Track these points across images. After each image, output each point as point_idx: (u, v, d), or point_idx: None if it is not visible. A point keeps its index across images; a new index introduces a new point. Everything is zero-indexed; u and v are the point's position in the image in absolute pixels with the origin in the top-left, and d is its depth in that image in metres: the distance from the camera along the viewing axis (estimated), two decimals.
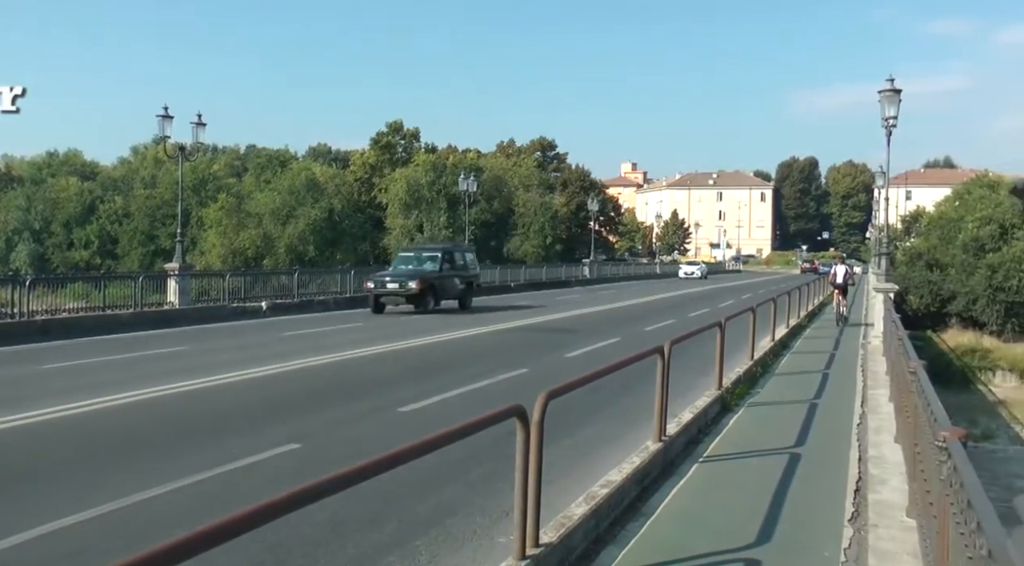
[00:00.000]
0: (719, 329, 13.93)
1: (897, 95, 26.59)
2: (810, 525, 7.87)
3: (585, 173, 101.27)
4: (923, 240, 70.58)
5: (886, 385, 14.93)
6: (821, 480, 9.48)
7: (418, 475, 8.51)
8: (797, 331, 26.23)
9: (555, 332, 24.87)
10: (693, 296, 47.94)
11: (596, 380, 8.54)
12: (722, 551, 6.96)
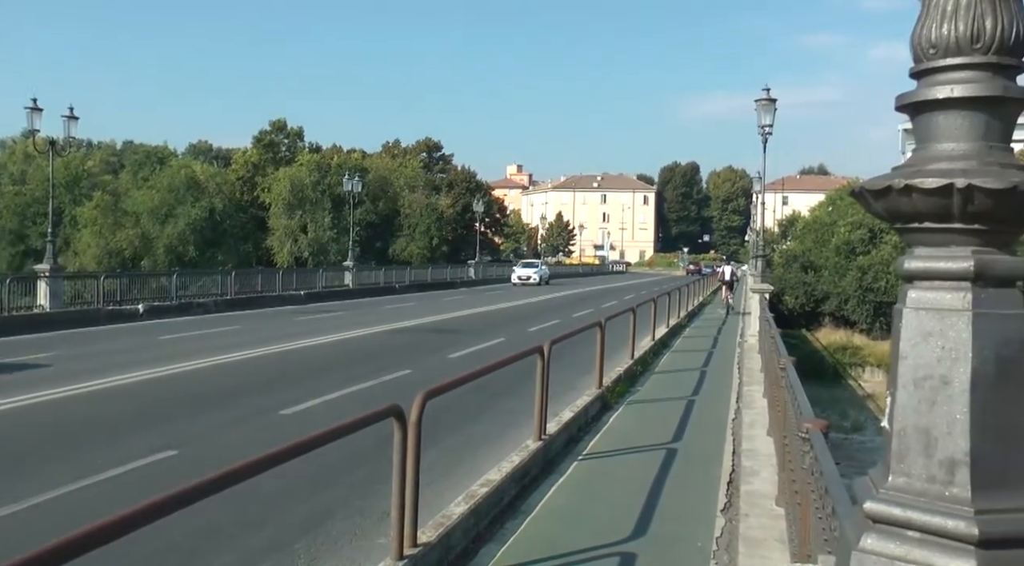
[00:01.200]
0: (599, 329, 14.13)
1: (773, 104, 27.44)
2: (685, 517, 8.06)
3: (471, 174, 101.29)
4: (798, 243, 73.01)
5: (760, 381, 15.38)
6: (696, 474, 9.72)
7: (298, 478, 8.40)
8: (677, 330, 26.83)
9: (440, 333, 24.82)
10: (578, 297, 48.52)
11: (477, 380, 8.59)
12: (599, 546, 7.07)
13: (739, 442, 11.10)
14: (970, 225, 2.21)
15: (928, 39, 2.32)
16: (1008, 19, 2.24)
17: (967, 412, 2.17)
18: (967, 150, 2.25)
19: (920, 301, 2.29)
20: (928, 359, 2.25)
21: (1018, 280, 2.29)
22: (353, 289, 46.21)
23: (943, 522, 2.14)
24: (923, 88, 2.35)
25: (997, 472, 2.18)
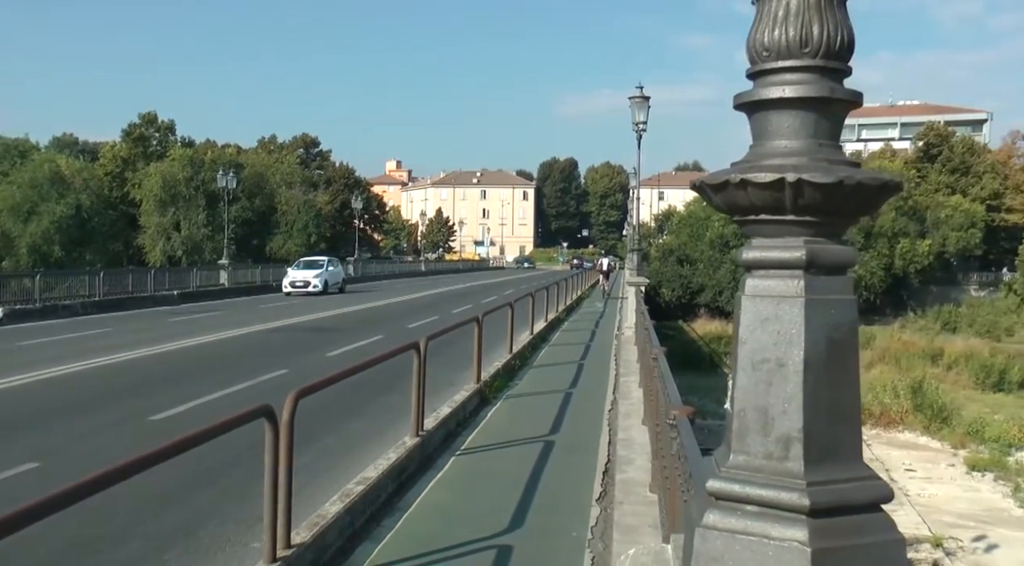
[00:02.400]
0: (476, 324, 14.23)
1: (646, 101, 28.02)
2: (561, 508, 8.22)
3: (349, 171, 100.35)
4: (674, 237, 75.07)
5: (636, 372, 15.75)
6: (573, 465, 9.90)
7: (168, 485, 8.20)
8: (556, 325, 27.19)
9: (318, 331, 24.53)
10: (458, 292, 48.63)
11: (356, 378, 8.56)
12: (476, 540, 7.14)
13: (615, 432, 11.36)
14: (802, 217, 2.36)
15: (762, 43, 2.46)
16: (834, 26, 2.40)
17: (800, 392, 2.32)
18: (798, 147, 2.41)
19: (757, 289, 2.44)
20: (765, 343, 2.39)
21: (847, 268, 2.45)
22: (229, 288, 45.16)
23: (778, 495, 2.28)
24: (758, 88, 2.49)
25: (827, 447, 2.34)
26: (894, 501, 15.56)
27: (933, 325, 62.80)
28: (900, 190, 2.57)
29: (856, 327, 2.43)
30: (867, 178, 2.33)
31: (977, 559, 20.95)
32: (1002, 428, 33.92)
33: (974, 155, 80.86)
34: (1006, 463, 30.09)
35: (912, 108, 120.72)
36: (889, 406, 36.92)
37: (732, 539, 2.31)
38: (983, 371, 47.95)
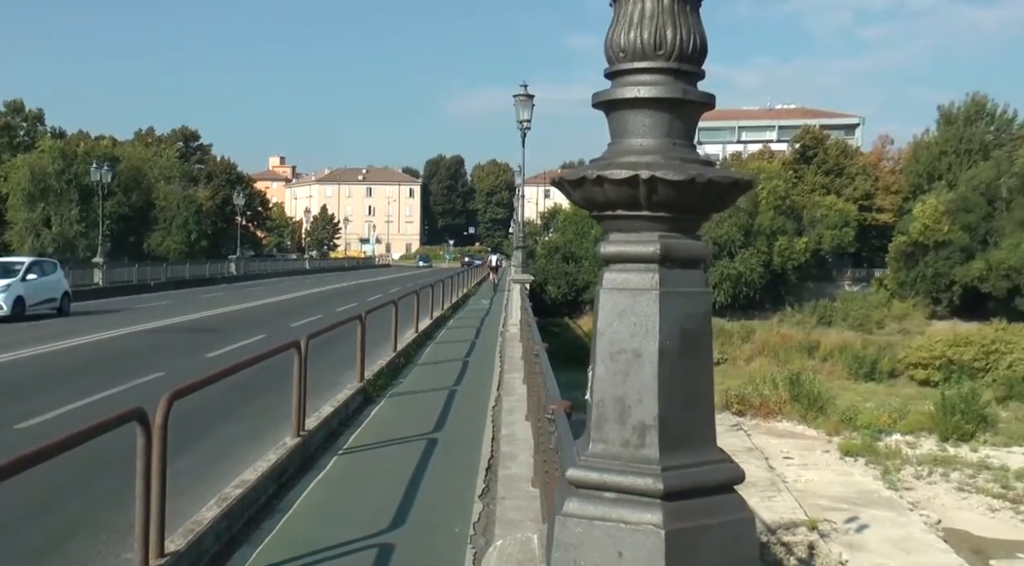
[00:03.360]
0: (359, 322, 14.14)
1: (530, 100, 28.26)
2: (443, 505, 8.25)
3: (231, 165, 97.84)
4: (560, 235, 75.90)
5: (521, 369, 15.87)
6: (456, 461, 9.95)
7: (35, 497, 7.88)
8: (441, 322, 27.20)
9: (198, 332, 23.93)
10: (344, 291, 48.13)
11: (236, 379, 8.42)
12: (357, 540, 7.11)
13: (499, 428, 11.45)
14: (656, 213, 2.45)
15: (618, 44, 2.54)
16: (687, 30, 2.50)
17: (656, 381, 2.41)
18: (653, 145, 2.49)
19: (614, 282, 2.52)
20: (622, 335, 2.47)
21: (700, 262, 2.56)
22: (104, 287, 43.51)
23: (634, 481, 2.36)
24: (615, 88, 2.57)
25: (682, 433, 2.43)
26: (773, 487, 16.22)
27: (810, 319, 65.16)
28: (751, 188, 2.69)
29: (709, 318, 2.53)
30: (718, 176, 2.43)
31: (849, 539, 21.88)
32: (873, 415, 35.54)
33: (847, 157, 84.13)
34: (876, 448, 31.52)
35: (789, 111, 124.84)
36: (768, 397, 38.18)
37: (590, 525, 2.39)
38: (856, 362, 50.05)
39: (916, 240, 66.27)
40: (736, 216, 67.49)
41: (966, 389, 36.04)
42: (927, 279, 66.87)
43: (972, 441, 33.05)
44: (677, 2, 2.50)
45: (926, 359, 50.04)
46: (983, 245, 66.19)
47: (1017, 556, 22.03)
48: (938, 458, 30.70)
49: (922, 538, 22.45)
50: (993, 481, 28.09)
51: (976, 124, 76.83)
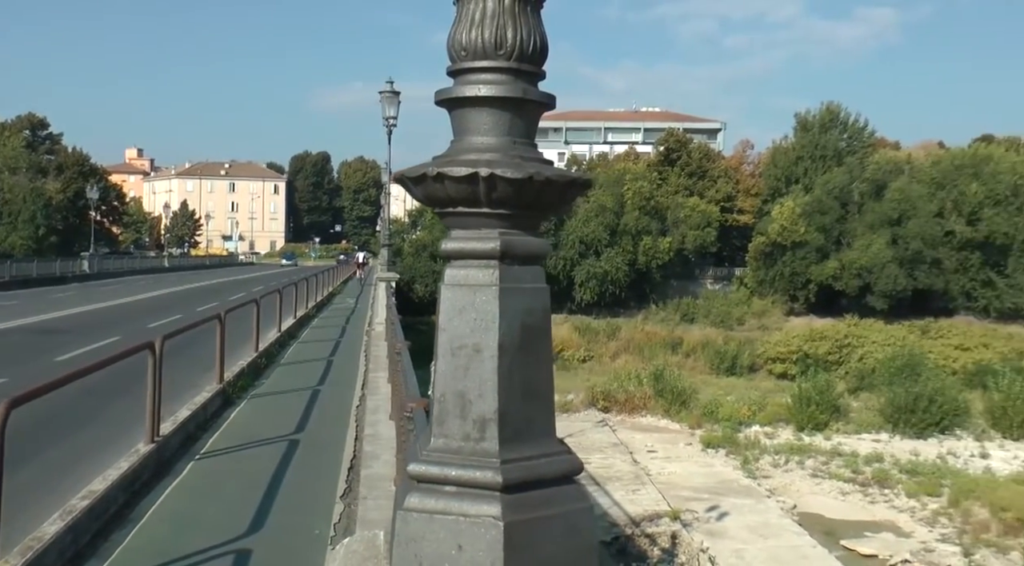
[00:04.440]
0: (219, 322, 13.79)
1: (396, 97, 28.09)
2: (304, 507, 8.14)
3: (84, 157, 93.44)
4: (427, 233, 75.66)
5: (386, 367, 15.79)
6: (318, 462, 9.83)
7: None
8: (305, 321, 26.79)
9: (47, 334, 22.84)
10: (205, 289, 46.79)
11: (87, 384, 8.08)
12: (213, 546, 6.94)
13: (362, 428, 11.36)
14: (496, 210, 2.49)
15: (460, 42, 2.57)
16: (527, 31, 2.54)
17: (496, 375, 2.45)
18: (493, 144, 2.53)
19: (455, 278, 2.54)
20: (463, 330, 2.50)
21: (540, 258, 2.61)
22: None
23: (474, 474, 2.40)
24: (457, 86, 2.60)
25: (521, 426, 2.48)
26: (637, 480, 16.61)
27: (673, 316, 66.95)
28: (589, 187, 2.75)
29: (548, 313, 2.59)
30: (556, 175, 2.48)
31: (710, 527, 22.63)
32: (733, 408, 36.82)
33: (710, 161, 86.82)
34: (736, 439, 32.70)
35: (654, 114, 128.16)
36: (633, 393, 39.08)
37: (431, 519, 2.40)
38: (717, 358, 51.68)
39: (774, 240, 68.89)
40: (602, 216, 68.80)
41: (821, 381, 37.74)
42: (785, 278, 69.62)
43: (826, 430, 34.67)
44: (518, 3, 2.54)
45: (784, 354, 52.15)
46: (837, 246, 69.37)
47: (865, 535, 23.24)
48: (794, 447, 32.08)
49: (778, 523, 23.42)
50: (844, 466, 29.55)
51: (830, 132, 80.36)
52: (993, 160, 69.88)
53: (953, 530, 23.64)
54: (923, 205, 66.35)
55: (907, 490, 27.00)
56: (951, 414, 35.30)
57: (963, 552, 21.95)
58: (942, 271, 66.28)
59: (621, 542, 21.14)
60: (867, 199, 69.94)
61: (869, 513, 25.42)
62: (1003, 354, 48.70)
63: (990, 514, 23.75)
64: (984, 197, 66.13)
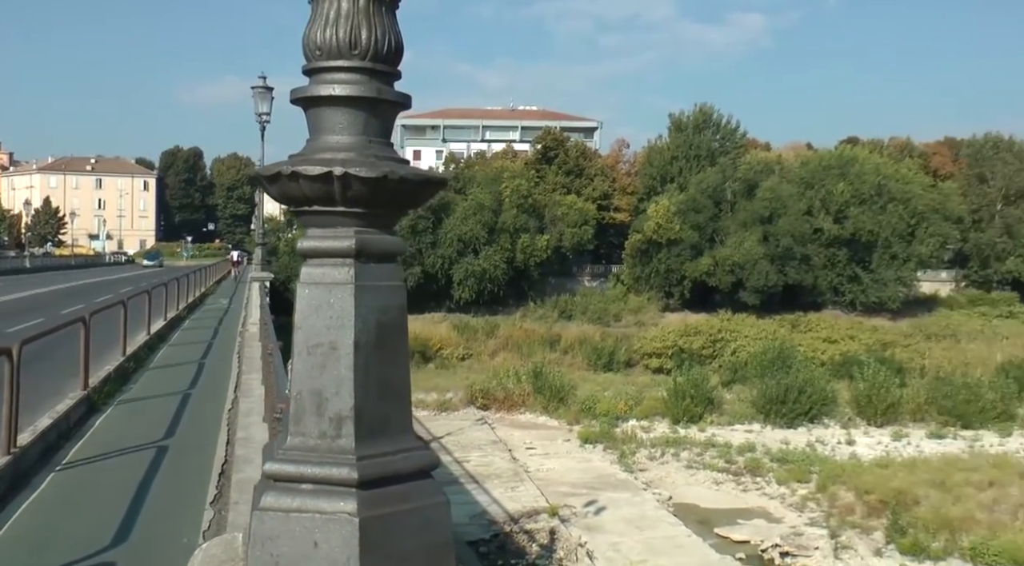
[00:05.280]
0: (83, 325, 13.29)
1: (269, 92, 27.56)
2: (172, 515, 7.93)
3: None
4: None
5: (260, 369, 15.50)
6: (187, 468, 9.59)
7: None
8: (176, 322, 26.05)
9: None
10: (70, 291, 44.93)
11: None
12: (74, 562, 6.67)
13: (234, 431, 11.14)
14: (351, 208, 2.51)
15: (315, 41, 2.57)
16: (382, 31, 2.56)
17: (352, 373, 2.46)
18: (348, 143, 2.54)
19: (312, 276, 2.55)
20: (319, 328, 2.51)
21: (396, 256, 2.64)
22: None
23: (330, 471, 2.41)
24: (312, 85, 2.60)
25: (377, 423, 2.51)
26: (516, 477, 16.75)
27: (552, 314, 67.65)
28: (444, 186, 2.80)
29: (404, 310, 2.62)
30: (410, 174, 2.51)
31: (588, 522, 22.99)
32: (610, 403, 37.49)
33: (587, 159, 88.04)
34: (614, 434, 33.32)
35: (531, 113, 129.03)
36: (512, 390, 39.39)
37: (287, 518, 2.41)
38: (595, 354, 52.49)
39: (650, 238, 70.36)
40: (480, 214, 69.02)
41: (695, 375, 38.81)
42: (660, 274, 71.19)
43: (701, 422, 35.69)
44: (372, 3, 2.56)
45: (659, 349, 53.36)
46: (710, 243, 71.34)
47: (738, 522, 24.02)
48: (670, 439, 32.89)
49: (655, 514, 23.98)
50: (718, 457, 30.48)
51: (704, 132, 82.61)
52: (858, 161, 73.16)
53: (821, 514, 24.65)
54: (793, 204, 68.84)
55: (778, 478, 28.03)
56: (819, 404, 36.83)
57: (830, 534, 22.92)
58: (811, 267, 68.91)
59: (500, 539, 21.30)
60: (739, 198, 72.20)
61: (742, 501, 26.29)
62: (868, 346, 51.00)
63: (855, 497, 24.88)
64: (850, 196, 69.17)
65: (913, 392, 38.65)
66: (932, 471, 27.01)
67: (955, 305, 73.68)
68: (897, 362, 45.00)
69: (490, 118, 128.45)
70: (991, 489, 25.07)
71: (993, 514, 23.33)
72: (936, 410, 37.04)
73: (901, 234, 69.98)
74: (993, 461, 28.70)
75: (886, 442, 33.54)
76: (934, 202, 73.38)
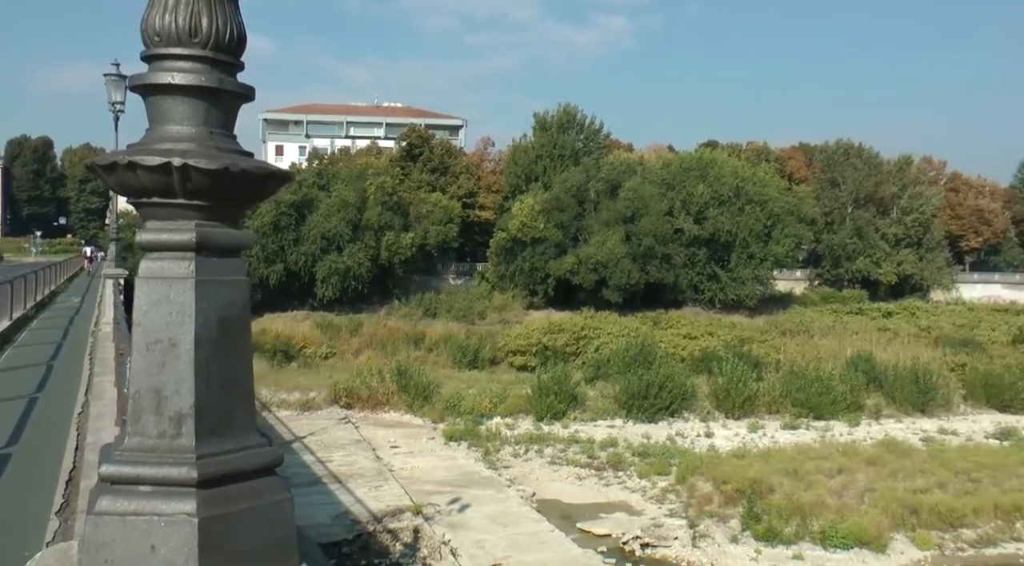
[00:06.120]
0: None
1: (123, 80, 26.50)
2: (13, 528, 7.54)
3: None
4: None
5: (113, 370, 14.91)
6: (32, 478, 9.15)
7: None
8: (23, 323, 24.78)
9: None
10: None
11: None
12: None
13: (84, 437, 10.67)
14: (192, 201, 2.44)
15: (154, 27, 2.49)
16: (223, 20, 2.50)
17: (192, 370, 2.40)
18: (189, 133, 2.47)
19: (151, 270, 2.47)
20: (159, 324, 2.43)
21: (240, 250, 2.58)
22: None
23: (169, 472, 2.34)
24: (151, 72, 2.52)
25: (219, 420, 2.45)
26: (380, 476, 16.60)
27: (416, 311, 67.41)
28: (290, 180, 2.75)
29: (248, 306, 2.56)
30: (252, 166, 2.46)
31: (452, 519, 23.03)
32: (475, 401, 37.63)
33: (452, 157, 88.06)
34: (478, 431, 33.47)
35: (396, 110, 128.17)
36: (376, 389, 39.10)
37: (123, 522, 2.33)
38: (460, 352, 52.53)
39: (515, 236, 70.97)
40: (344, 211, 68.22)
41: (559, 372, 39.34)
42: (525, 272, 71.89)
43: (564, 419, 36.21)
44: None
45: (524, 346, 53.80)
46: (574, 242, 72.47)
47: (600, 516, 24.49)
48: (534, 436, 33.26)
49: (518, 511, 24.21)
50: (581, 452, 30.99)
51: (568, 132, 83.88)
52: (717, 164, 75.72)
53: (680, 505, 25.38)
54: (654, 204, 70.59)
55: (639, 471, 28.72)
56: (680, 398, 37.91)
57: (689, 524, 23.63)
58: (672, 266, 70.83)
59: (364, 539, 21.13)
60: (603, 197, 73.59)
61: (604, 495, 26.81)
62: (726, 342, 52.67)
63: (713, 488, 25.71)
64: (710, 198, 71.52)
65: (769, 385, 40.21)
66: (786, 460, 28.17)
67: (808, 302, 77.24)
68: (754, 357, 46.64)
69: (355, 114, 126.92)
70: (840, 476, 26.33)
71: (841, 499, 24.51)
72: (790, 402, 38.68)
73: (758, 235, 72.76)
74: (842, 449, 30.17)
75: (743, 434, 34.80)
76: (789, 205, 76.66)
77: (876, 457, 28.73)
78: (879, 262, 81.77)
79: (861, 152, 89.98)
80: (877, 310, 73.10)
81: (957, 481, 26.25)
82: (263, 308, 63.44)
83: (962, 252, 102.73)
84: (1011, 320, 68.36)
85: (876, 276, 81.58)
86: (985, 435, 35.77)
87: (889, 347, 52.61)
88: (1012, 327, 63.16)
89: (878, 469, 27.15)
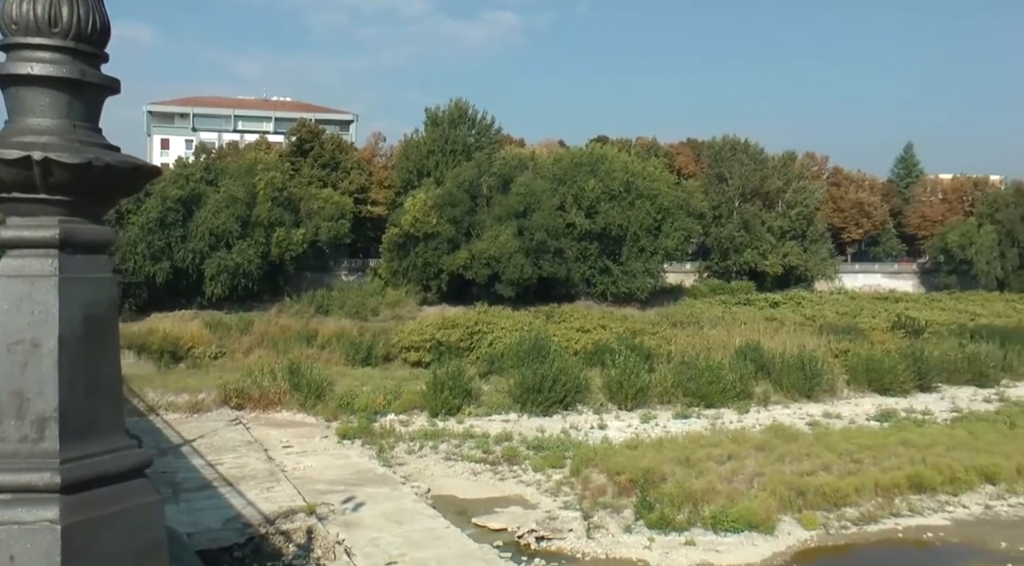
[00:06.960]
0: None
1: None
2: None
3: None
4: None
5: None
6: None
7: None
8: None
9: None
10: None
11: None
12: None
13: None
14: (55, 196, 2.36)
15: (11, 15, 2.39)
16: (85, 10, 2.42)
17: (56, 371, 2.32)
18: (50, 126, 2.39)
19: (11, 268, 2.38)
20: (20, 325, 2.34)
21: (106, 247, 2.50)
22: None
23: (30, 478, 2.26)
24: (9, 62, 2.43)
25: (86, 423, 2.37)
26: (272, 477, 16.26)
27: (308, 309, 66.35)
28: (157, 175, 2.69)
29: (115, 304, 2.49)
30: (117, 161, 2.40)
31: (347, 519, 22.77)
32: (369, 398, 37.25)
33: (343, 152, 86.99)
34: (372, 429, 33.16)
35: (286, 104, 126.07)
36: (268, 388, 38.35)
37: None
38: (353, 349, 51.90)
39: (407, 232, 70.60)
40: (233, 207, 66.81)
41: (453, 367, 39.24)
42: (418, 268, 71.61)
43: (459, 414, 36.14)
44: None
45: (418, 342, 53.49)
46: (467, 237, 72.50)
47: (495, 510, 24.55)
48: (428, 432, 33.11)
49: (413, 508, 24.08)
50: (476, 448, 30.99)
51: (459, 127, 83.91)
52: (608, 159, 76.79)
53: (575, 497, 25.60)
54: (546, 199, 71.17)
55: (534, 465, 28.86)
56: (573, 391, 38.24)
57: (583, 515, 23.86)
58: (564, 260, 71.53)
59: (256, 542, 20.72)
60: (495, 192, 73.84)
61: (499, 490, 26.88)
62: (619, 334, 53.33)
63: (607, 479, 25.99)
64: (601, 192, 72.52)
65: (661, 377, 40.86)
66: (678, 449, 28.67)
67: (698, 294, 79.22)
68: (646, 349, 47.32)
69: (243, 108, 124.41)
70: (730, 462, 26.96)
71: (731, 484, 25.10)
72: (682, 392, 39.40)
73: (648, 228, 74.16)
74: (732, 436, 30.88)
75: (636, 424, 35.30)
76: (678, 199, 78.39)
77: (765, 442, 29.51)
78: (765, 254, 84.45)
79: (747, 148, 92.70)
80: (764, 300, 75.42)
81: (841, 462, 27.17)
82: (150, 307, 61.53)
83: (844, 243, 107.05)
84: (890, 307, 71.54)
85: (763, 268, 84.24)
86: (867, 417, 37.15)
87: (776, 336, 54.11)
88: (891, 314, 65.97)
89: (766, 454, 27.90)
